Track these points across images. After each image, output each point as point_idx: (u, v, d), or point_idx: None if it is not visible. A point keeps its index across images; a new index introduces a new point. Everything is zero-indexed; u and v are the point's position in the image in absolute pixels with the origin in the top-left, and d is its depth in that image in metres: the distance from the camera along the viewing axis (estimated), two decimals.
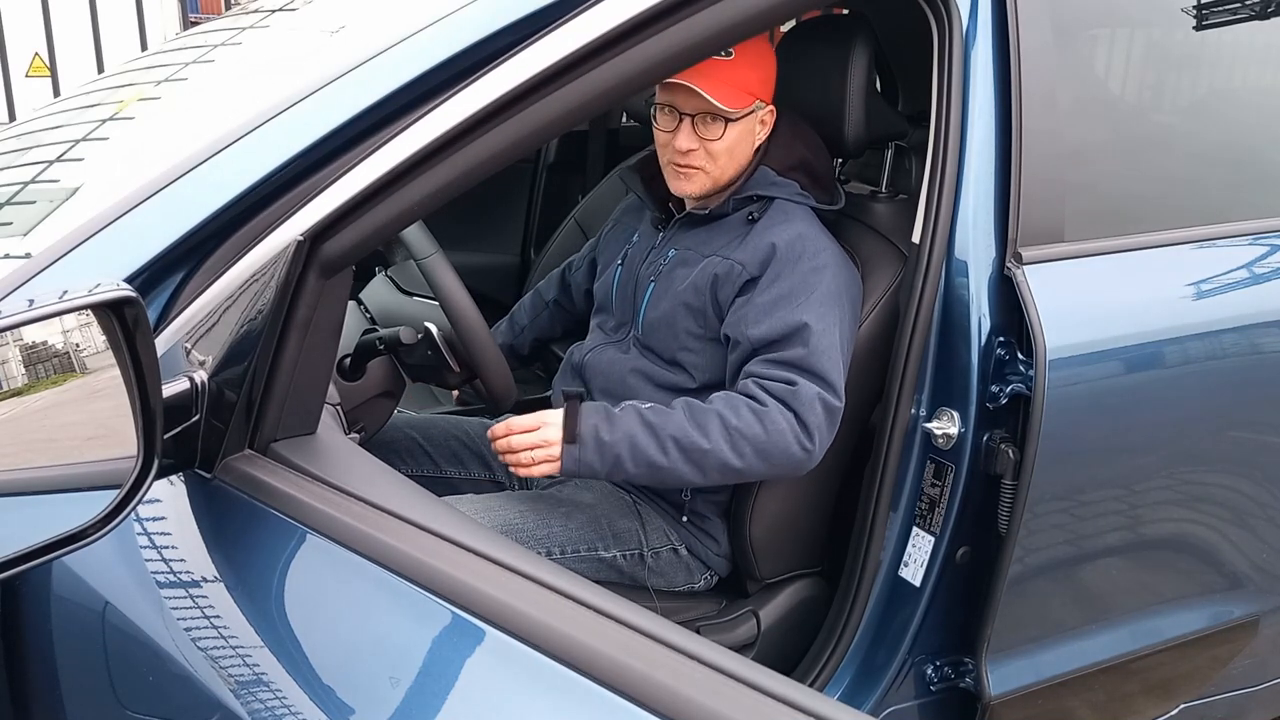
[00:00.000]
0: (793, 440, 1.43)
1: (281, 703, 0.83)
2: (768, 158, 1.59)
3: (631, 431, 1.43)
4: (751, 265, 1.52)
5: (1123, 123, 1.65)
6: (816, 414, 1.44)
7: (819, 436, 1.44)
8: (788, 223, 1.54)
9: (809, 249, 1.51)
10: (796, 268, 1.49)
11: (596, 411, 1.46)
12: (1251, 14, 1.70)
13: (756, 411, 1.43)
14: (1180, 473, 1.60)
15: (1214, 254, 1.61)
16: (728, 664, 0.74)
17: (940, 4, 1.37)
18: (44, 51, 6.25)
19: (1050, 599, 1.56)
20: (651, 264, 1.66)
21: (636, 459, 1.43)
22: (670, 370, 1.60)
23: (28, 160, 1.33)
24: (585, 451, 1.43)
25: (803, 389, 1.44)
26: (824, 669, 1.54)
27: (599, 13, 1.01)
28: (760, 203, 1.58)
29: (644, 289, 1.64)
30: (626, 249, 1.74)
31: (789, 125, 1.61)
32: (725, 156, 1.55)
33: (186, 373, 0.95)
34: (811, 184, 1.59)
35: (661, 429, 1.43)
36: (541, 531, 1.54)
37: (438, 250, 1.49)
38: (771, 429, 1.42)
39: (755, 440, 1.42)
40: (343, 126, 1.00)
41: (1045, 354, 1.34)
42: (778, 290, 1.49)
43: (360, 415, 1.51)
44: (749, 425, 1.42)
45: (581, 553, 1.56)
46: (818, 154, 1.61)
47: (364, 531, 0.88)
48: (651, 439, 1.43)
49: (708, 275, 1.55)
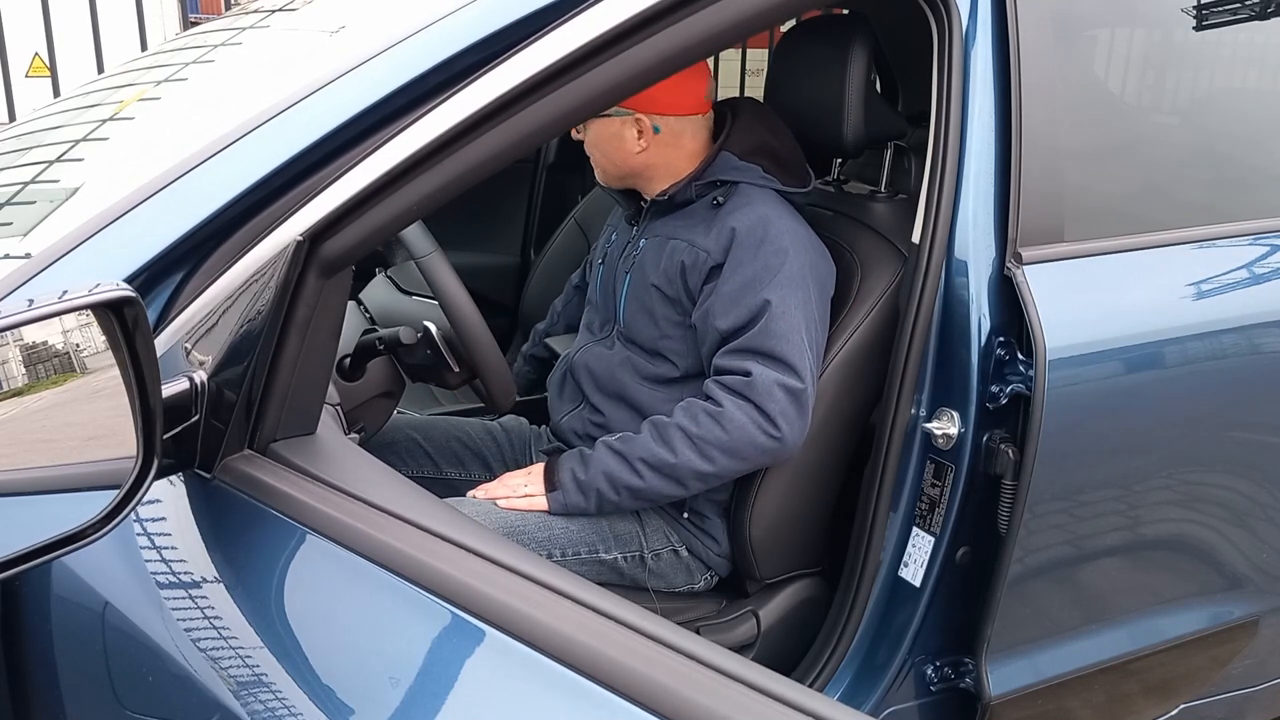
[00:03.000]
0: (757, 432, 1.46)
1: (281, 703, 0.83)
2: (729, 143, 1.61)
3: (604, 464, 1.52)
4: (715, 251, 1.54)
5: (1123, 123, 1.65)
6: (777, 400, 1.45)
7: (785, 422, 1.46)
8: (749, 206, 1.55)
9: (770, 232, 1.52)
10: (758, 252, 1.51)
11: (571, 457, 1.56)
12: (1251, 14, 1.70)
13: (713, 414, 1.47)
14: (1180, 473, 1.60)
15: (1214, 254, 1.61)
16: (728, 664, 0.74)
17: (940, 4, 1.37)
18: (44, 51, 6.24)
19: (1050, 599, 1.56)
20: (627, 258, 1.69)
21: (616, 487, 1.51)
22: (654, 361, 1.62)
23: (28, 160, 1.33)
24: (568, 495, 1.53)
25: (758, 379, 1.46)
26: (824, 669, 1.54)
27: (598, 13, 1.01)
28: (724, 187, 1.60)
29: (621, 283, 1.68)
30: (608, 249, 1.77)
31: (752, 111, 1.64)
32: (596, 151, 1.66)
33: (186, 373, 0.95)
34: (776, 168, 1.60)
35: (630, 454, 1.50)
36: (543, 534, 1.55)
37: (437, 249, 1.49)
38: (731, 427, 1.46)
39: (719, 443, 1.47)
40: (343, 126, 1.00)
41: (1045, 354, 1.34)
42: (740, 277, 1.50)
43: (360, 415, 1.51)
44: (709, 430, 1.47)
45: (583, 555, 1.57)
46: (781, 138, 1.63)
47: (364, 531, 0.88)
48: (623, 465, 1.50)
49: (675, 262, 1.57)
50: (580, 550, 1.57)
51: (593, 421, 1.66)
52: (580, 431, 1.68)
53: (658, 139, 1.61)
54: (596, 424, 1.66)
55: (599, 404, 1.66)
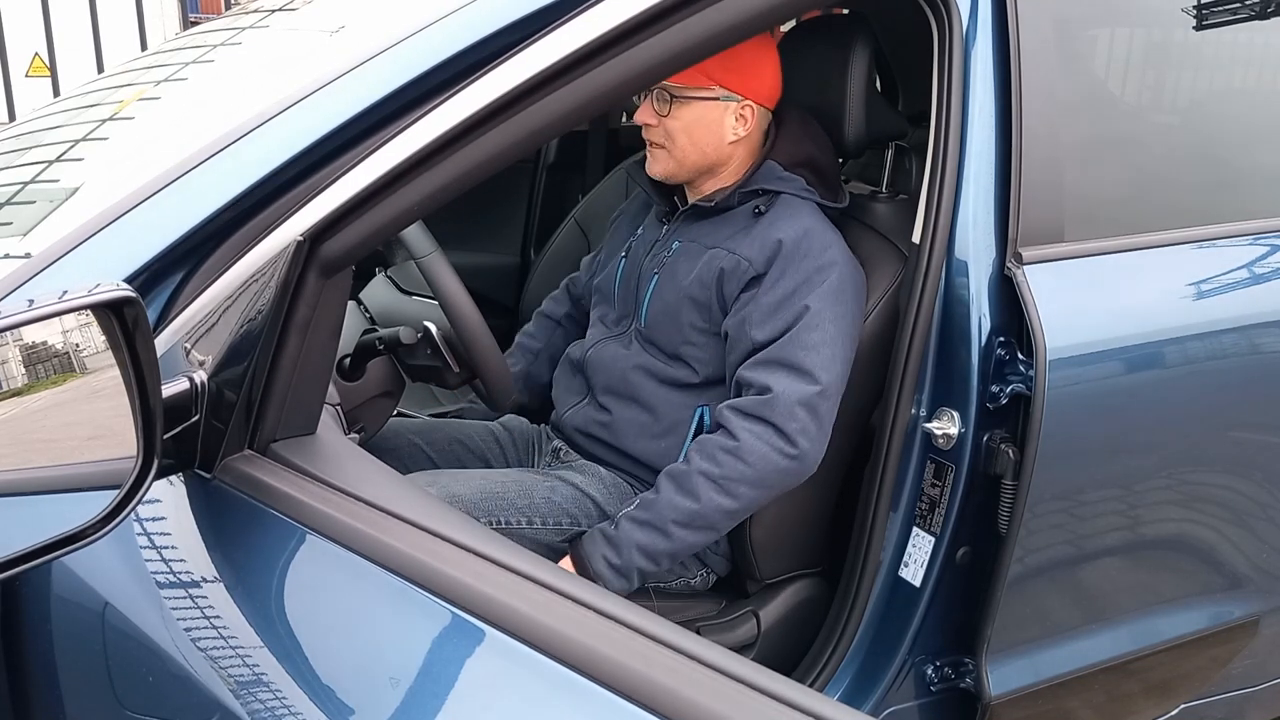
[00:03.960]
0: (777, 456, 1.44)
1: (281, 703, 0.83)
2: (775, 152, 1.59)
3: (635, 540, 1.47)
4: (758, 261, 1.52)
5: (1123, 123, 1.65)
6: (798, 419, 1.44)
7: (804, 440, 1.44)
8: (794, 218, 1.54)
9: (815, 245, 1.51)
10: (802, 265, 1.49)
11: (597, 543, 1.50)
12: (1251, 14, 1.70)
13: (731, 450, 1.45)
14: (1180, 473, 1.60)
15: (1214, 254, 1.61)
16: (728, 664, 0.74)
17: (940, 4, 1.37)
18: (44, 51, 6.25)
19: (1050, 599, 1.56)
20: (655, 256, 1.66)
21: (654, 559, 1.47)
22: (673, 365, 1.60)
23: (28, 160, 1.33)
24: (608, 584, 1.47)
25: (778, 397, 1.44)
26: (824, 669, 1.54)
27: (598, 13, 1.01)
28: (766, 197, 1.58)
29: (647, 281, 1.64)
30: (631, 241, 1.74)
31: (799, 122, 1.61)
32: (681, 137, 1.56)
33: (186, 373, 0.95)
34: (817, 181, 1.59)
35: (658, 520, 1.46)
36: (522, 501, 1.53)
37: (437, 249, 1.49)
38: (753, 459, 1.44)
39: (743, 477, 1.44)
40: (343, 126, 1.00)
41: (1045, 354, 1.34)
42: (782, 289, 1.49)
43: (360, 415, 1.50)
44: (730, 468, 1.44)
45: (564, 525, 1.55)
46: (825, 151, 1.61)
47: (364, 532, 0.88)
48: (654, 534, 1.46)
49: (713, 269, 1.55)
50: (562, 521, 1.55)
51: (597, 420, 1.65)
52: (583, 429, 1.67)
53: (751, 130, 1.58)
54: (601, 422, 1.65)
55: (606, 402, 1.65)
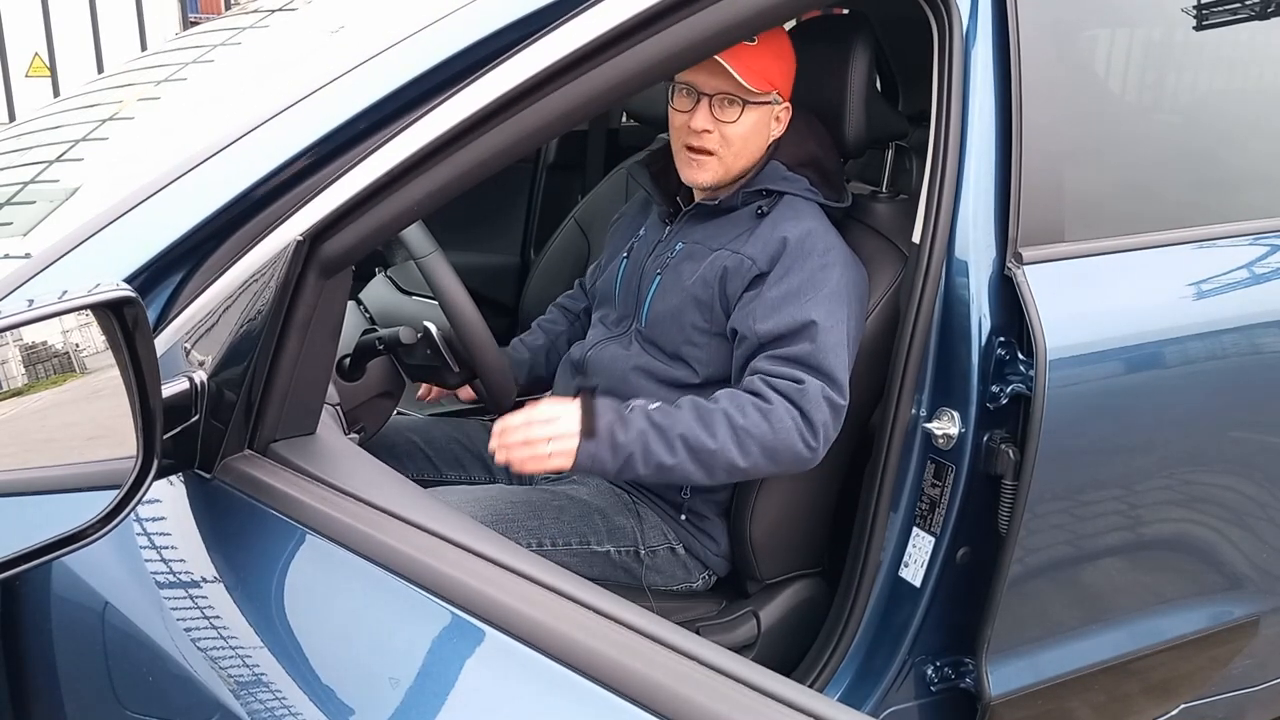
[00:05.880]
0: (798, 439, 1.43)
1: (281, 703, 0.83)
2: (779, 152, 1.59)
3: (643, 432, 1.42)
4: (761, 260, 1.52)
5: (1123, 122, 1.65)
6: (823, 412, 1.43)
7: (824, 434, 1.44)
8: (798, 218, 1.54)
9: (819, 245, 1.51)
10: (806, 263, 1.49)
11: (610, 409, 1.45)
12: (1251, 14, 1.70)
13: (762, 410, 1.43)
14: (1180, 473, 1.60)
15: (1214, 254, 1.61)
16: (728, 664, 0.74)
17: (940, 4, 1.37)
18: (44, 51, 6.26)
19: (1050, 599, 1.56)
20: (658, 257, 1.65)
21: (647, 460, 1.42)
22: (673, 365, 1.60)
23: (28, 160, 1.33)
24: (600, 448, 1.42)
25: (809, 386, 1.43)
26: (824, 669, 1.54)
27: (599, 13, 1.01)
28: (770, 197, 1.58)
29: (649, 281, 1.64)
30: (633, 242, 1.73)
31: (803, 121, 1.61)
32: (740, 143, 1.54)
33: (186, 373, 0.95)
34: (821, 181, 1.59)
35: (670, 429, 1.42)
36: (532, 522, 1.53)
37: (437, 249, 1.49)
38: (779, 427, 1.42)
39: (762, 439, 1.42)
40: (343, 126, 1.00)
41: (1045, 354, 1.34)
42: (786, 286, 1.49)
43: (360, 415, 1.51)
44: (755, 424, 1.42)
45: (574, 546, 1.55)
46: (828, 152, 1.61)
47: (364, 532, 0.88)
48: (661, 440, 1.42)
49: (716, 268, 1.55)
50: (571, 541, 1.55)
51: None
52: None
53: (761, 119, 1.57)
54: None
55: None
